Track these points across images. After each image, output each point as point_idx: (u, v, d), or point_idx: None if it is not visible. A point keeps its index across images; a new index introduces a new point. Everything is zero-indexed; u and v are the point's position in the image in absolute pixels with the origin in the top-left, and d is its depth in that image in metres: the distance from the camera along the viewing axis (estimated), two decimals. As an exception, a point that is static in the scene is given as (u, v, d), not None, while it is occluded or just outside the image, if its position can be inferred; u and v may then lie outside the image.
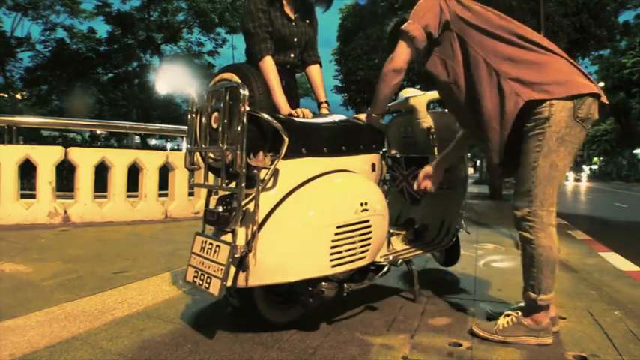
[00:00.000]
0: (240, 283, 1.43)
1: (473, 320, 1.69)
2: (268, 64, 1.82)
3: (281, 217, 1.46)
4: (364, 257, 1.58)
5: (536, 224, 1.52)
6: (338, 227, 1.49)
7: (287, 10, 1.92)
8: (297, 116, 1.72)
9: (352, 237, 1.53)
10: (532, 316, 1.58)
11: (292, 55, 1.98)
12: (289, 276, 1.44)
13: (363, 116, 1.87)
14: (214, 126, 1.52)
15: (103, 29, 22.53)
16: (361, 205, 1.57)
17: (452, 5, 1.64)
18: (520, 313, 1.61)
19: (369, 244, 1.59)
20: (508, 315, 1.61)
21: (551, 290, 1.57)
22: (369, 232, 1.59)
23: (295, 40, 1.96)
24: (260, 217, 1.44)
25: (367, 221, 1.58)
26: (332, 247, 1.47)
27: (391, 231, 1.85)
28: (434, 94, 2.11)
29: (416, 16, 1.62)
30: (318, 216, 1.50)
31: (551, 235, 1.54)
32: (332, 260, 1.47)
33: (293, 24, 1.94)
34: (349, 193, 1.60)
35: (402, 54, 1.63)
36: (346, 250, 1.51)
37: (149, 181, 4.61)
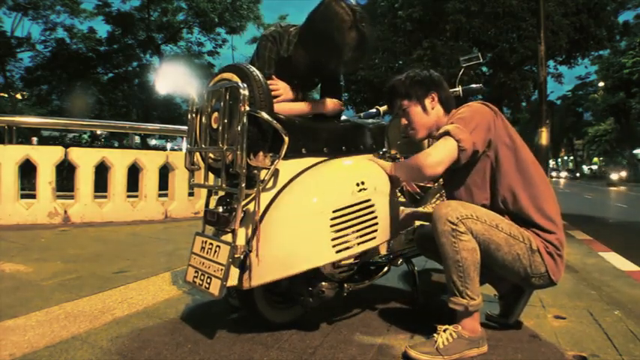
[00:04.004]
0: (244, 284, 1.42)
1: (407, 345, 1.46)
2: None
3: (275, 211, 1.45)
4: (374, 238, 1.54)
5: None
6: (334, 212, 1.46)
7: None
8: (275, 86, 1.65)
9: (354, 219, 1.50)
10: (468, 324, 1.47)
11: None
12: (293, 268, 1.42)
13: (386, 164, 1.70)
14: (214, 126, 1.52)
15: (103, 29, 22.60)
16: (357, 185, 1.54)
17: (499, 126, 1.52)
18: (460, 326, 1.46)
19: (376, 224, 1.55)
20: (446, 330, 1.46)
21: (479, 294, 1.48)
22: (373, 212, 1.55)
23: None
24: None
25: (368, 200, 1.55)
26: (333, 233, 1.45)
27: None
28: None
29: (468, 126, 1.47)
30: (310, 204, 1.47)
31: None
32: (335, 246, 1.44)
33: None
34: (341, 176, 1.57)
35: (444, 156, 1.46)
36: (352, 234, 1.48)
37: (149, 181, 4.61)
